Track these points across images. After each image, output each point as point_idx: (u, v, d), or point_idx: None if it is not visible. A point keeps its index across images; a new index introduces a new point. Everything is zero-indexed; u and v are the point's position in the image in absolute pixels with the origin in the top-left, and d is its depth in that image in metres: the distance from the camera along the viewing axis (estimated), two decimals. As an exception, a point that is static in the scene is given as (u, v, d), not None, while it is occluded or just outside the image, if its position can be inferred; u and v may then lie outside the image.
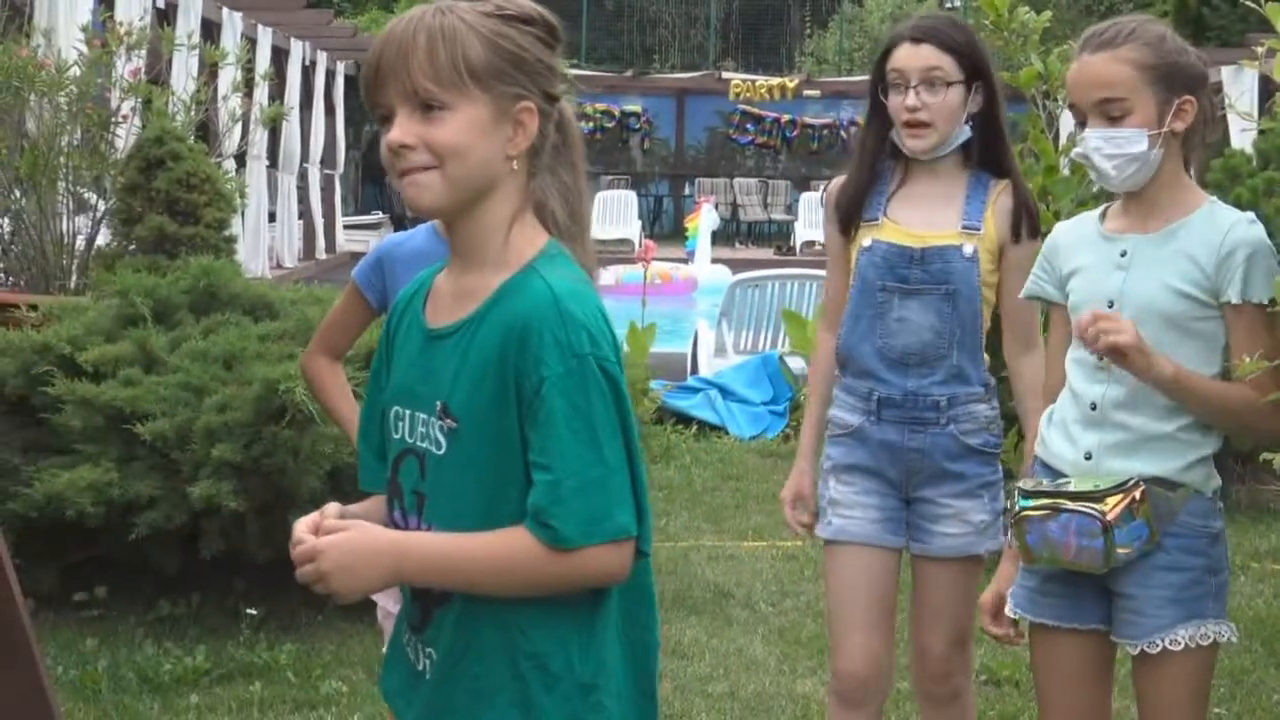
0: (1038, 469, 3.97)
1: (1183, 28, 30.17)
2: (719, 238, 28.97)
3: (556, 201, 2.86)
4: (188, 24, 19.01)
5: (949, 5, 43.00)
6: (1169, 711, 3.83)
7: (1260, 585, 8.13)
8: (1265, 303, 3.68)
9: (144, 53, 14.73)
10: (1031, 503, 3.81)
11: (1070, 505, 3.74)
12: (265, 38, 23.37)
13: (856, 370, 4.52)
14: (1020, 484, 3.91)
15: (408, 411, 2.85)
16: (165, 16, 18.17)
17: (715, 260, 25.31)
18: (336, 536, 2.71)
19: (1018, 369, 4.53)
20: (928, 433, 4.45)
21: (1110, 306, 3.79)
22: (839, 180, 4.67)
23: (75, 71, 13.06)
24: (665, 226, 35.89)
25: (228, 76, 16.66)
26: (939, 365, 4.43)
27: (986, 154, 4.53)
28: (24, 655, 4.46)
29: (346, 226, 30.93)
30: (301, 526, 2.77)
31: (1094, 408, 3.82)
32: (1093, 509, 3.71)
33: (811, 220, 29.84)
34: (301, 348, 7.23)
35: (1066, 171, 8.85)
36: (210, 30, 20.25)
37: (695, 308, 19.94)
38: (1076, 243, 3.96)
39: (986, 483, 4.48)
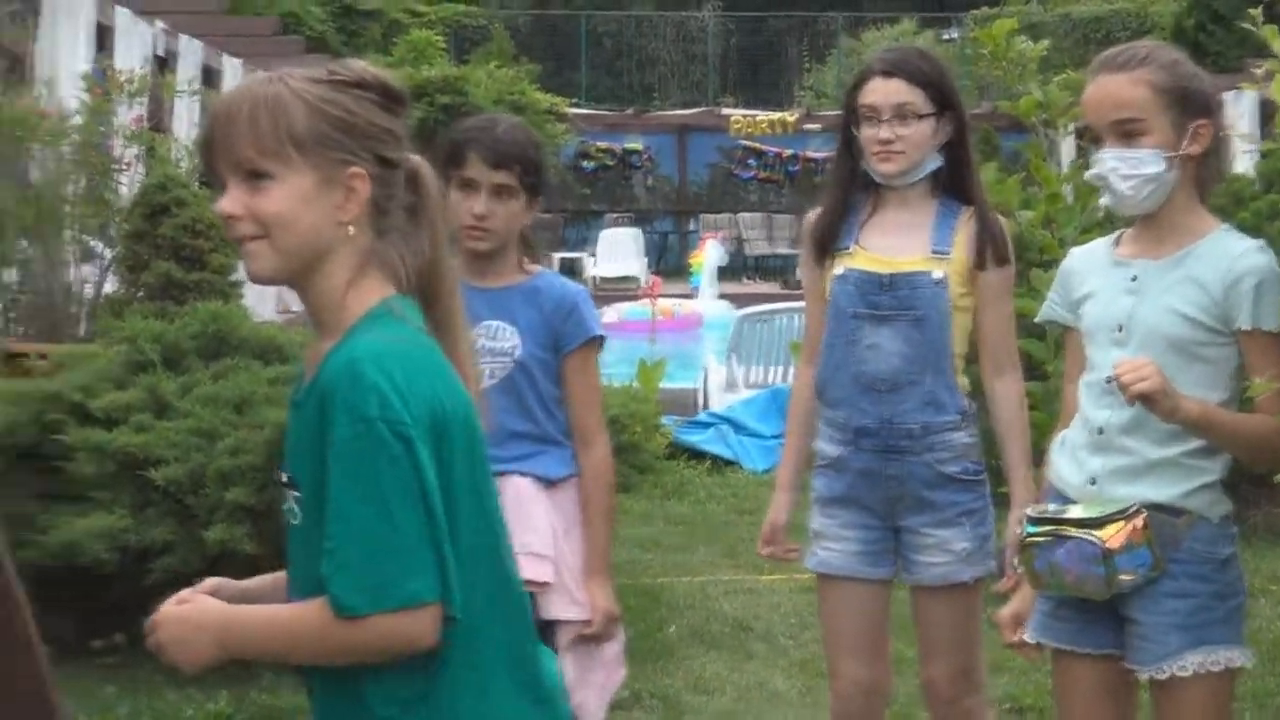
0: (1051, 494, 3.96)
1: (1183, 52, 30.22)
2: (725, 272, 28.95)
3: (407, 261, 2.78)
4: (188, 71, 19.03)
5: (946, 37, 43.16)
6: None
7: (1280, 608, 8.10)
8: (1276, 330, 3.67)
9: (145, 100, 14.78)
10: (1036, 529, 3.81)
11: (1073, 532, 3.74)
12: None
13: (833, 399, 4.55)
14: (1028, 510, 3.92)
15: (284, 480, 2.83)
16: (165, 63, 18.21)
17: (722, 295, 25.32)
18: (174, 609, 2.69)
19: (992, 393, 4.57)
20: (904, 461, 4.47)
21: (1119, 331, 3.80)
22: (813, 212, 4.70)
23: (77, 120, 13.12)
24: (670, 263, 35.81)
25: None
26: (911, 392, 4.45)
27: (955, 181, 4.56)
28: (44, 705, 4.45)
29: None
30: (171, 598, 2.74)
31: (1100, 432, 3.82)
32: (1093, 536, 3.71)
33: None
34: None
35: (1070, 199, 8.86)
36: (210, 76, 20.29)
37: (702, 343, 19.93)
38: (1089, 267, 3.97)
39: (967, 510, 4.50)
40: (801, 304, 4.91)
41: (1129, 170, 3.73)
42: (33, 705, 4.44)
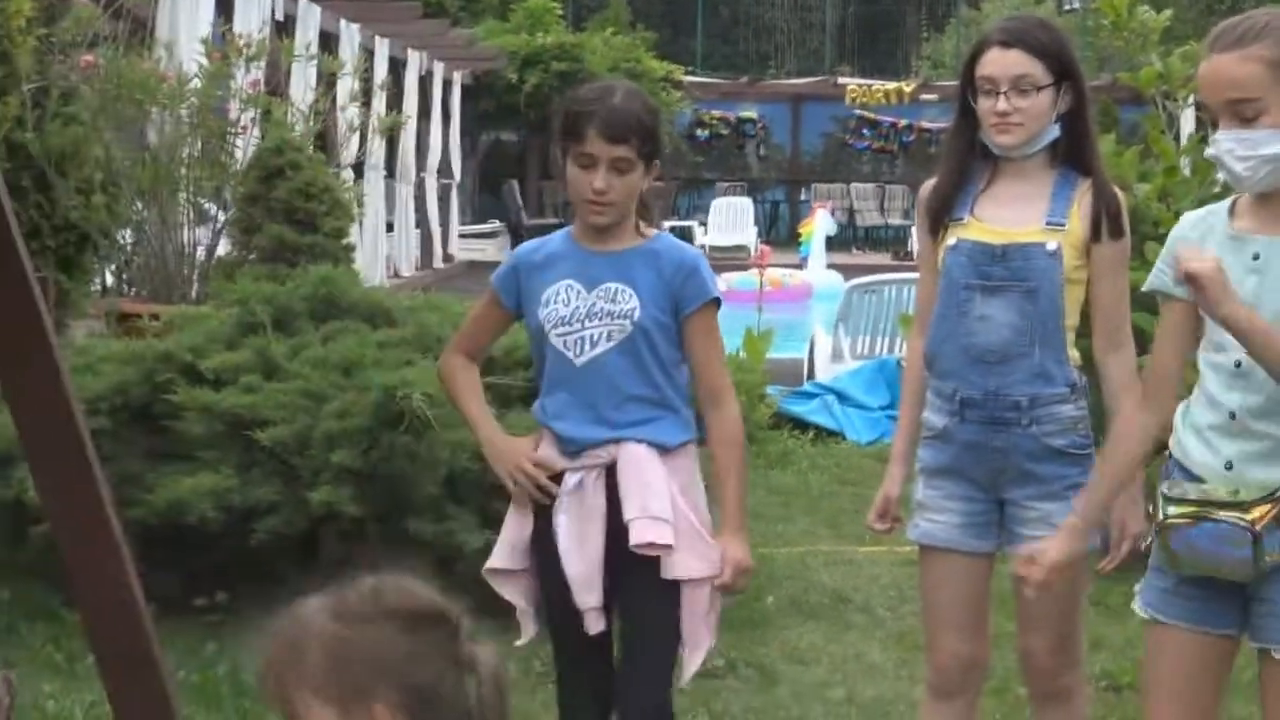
0: (1175, 471, 3.89)
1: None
2: (835, 243, 28.88)
3: None
4: (306, 35, 19.15)
5: (1068, 7, 42.85)
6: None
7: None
8: None
9: (263, 64, 14.85)
10: (1176, 509, 3.79)
11: (1217, 514, 3.71)
12: (383, 48, 23.53)
13: (941, 370, 4.56)
14: (1162, 489, 3.86)
15: None
16: (283, 28, 18.30)
17: (831, 265, 25.25)
18: None
19: (1105, 368, 4.52)
20: (1010, 433, 4.48)
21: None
22: (929, 183, 4.70)
23: (196, 84, 13.19)
24: (781, 233, 35.82)
25: (345, 87, 16.73)
26: (1020, 364, 4.45)
27: (1073, 152, 4.54)
28: (148, 662, 4.51)
29: (463, 235, 31.01)
30: None
31: (1233, 417, 3.76)
32: (1240, 519, 3.68)
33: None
34: (419, 355, 7.30)
35: (1187, 172, 8.77)
36: (328, 41, 20.41)
37: (810, 314, 19.88)
38: (1203, 238, 3.86)
39: (1074, 484, 4.46)
40: (911, 275, 4.89)
41: (1245, 151, 3.66)
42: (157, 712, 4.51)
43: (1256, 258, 3.74)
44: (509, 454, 4.37)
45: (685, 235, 31.14)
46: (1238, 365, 3.73)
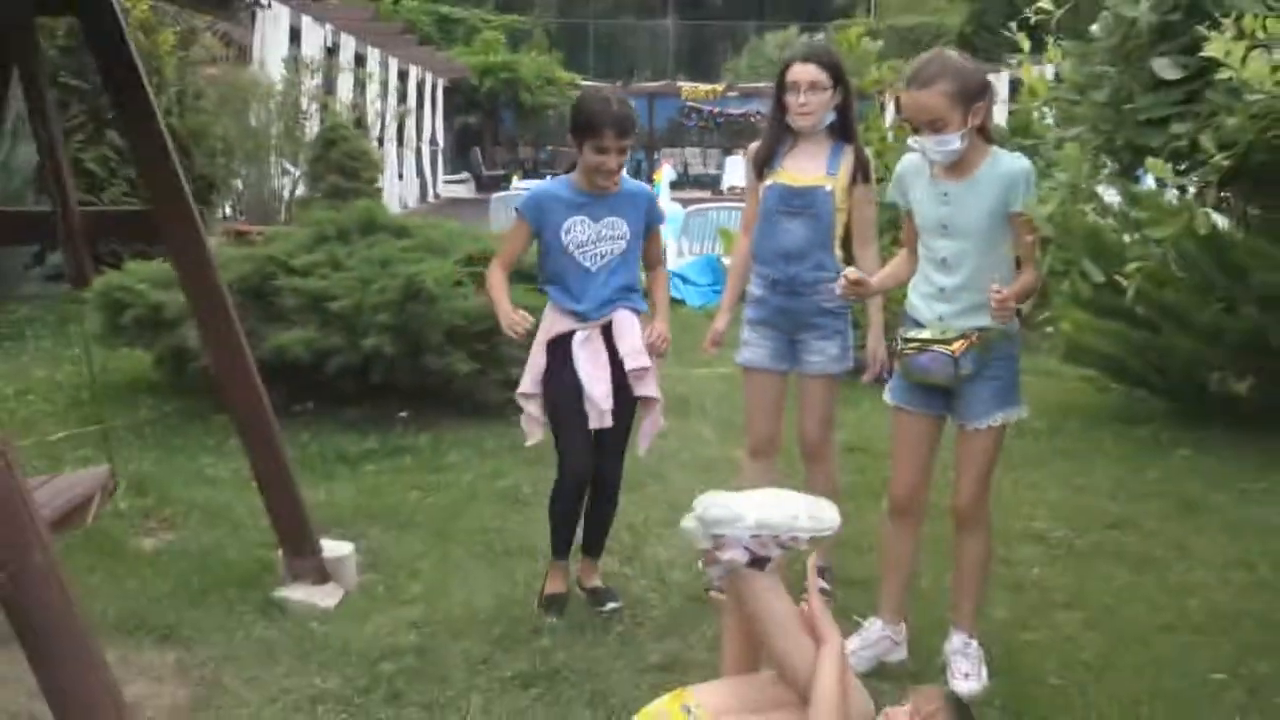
0: (907, 321, 3.89)
1: (963, 49, 29.92)
2: (675, 185, 28.68)
3: None
4: (346, 55, 18.81)
5: (816, 38, 42.53)
6: (976, 461, 3.86)
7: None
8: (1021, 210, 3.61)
9: (320, 75, 14.63)
10: (908, 344, 3.82)
11: (933, 347, 3.76)
12: (393, 64, 23.13)
13: (762, 260, 4.52)
14: (900, 333, 3.89)
15: None
16: (332, 52, 17.98)
17: (674, 199, 25.07)
18: None
19: (862, 258, 4.48)
20: (801, 299, 4.44)
21: (944, 229, 3.75)
22: (754, 145, 4.63)
23: (279, 87, 13.00)
24: (641, 179, 35.52)
25: (373, 90, 16.49)
26: (808, 259, 4.41)
27: (843, 129, 4.50)
28: (272, 440, 4.53)
29: (445, 182, 30.63)
30: None
31: (942, 290, 3.78)
32: (946, 350, 3.74)
33: (734, 174, 29.49)
34: (429, 255, 7.25)
35: (892, 139, 8.82)
36: (360, 59, 20.04)
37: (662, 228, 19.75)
38: (915, 178, 3.86)
39: (837, 330, 4.48)
40: (724, 203, 4.84)
41: (939, 149, 3.66)
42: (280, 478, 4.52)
43: (946, 194, 3.76)
44: (506, 316, 4.26)
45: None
46: (943, 261, 3.76)
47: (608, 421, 4.34)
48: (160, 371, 7.54)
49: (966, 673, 3.84)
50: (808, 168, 4.46)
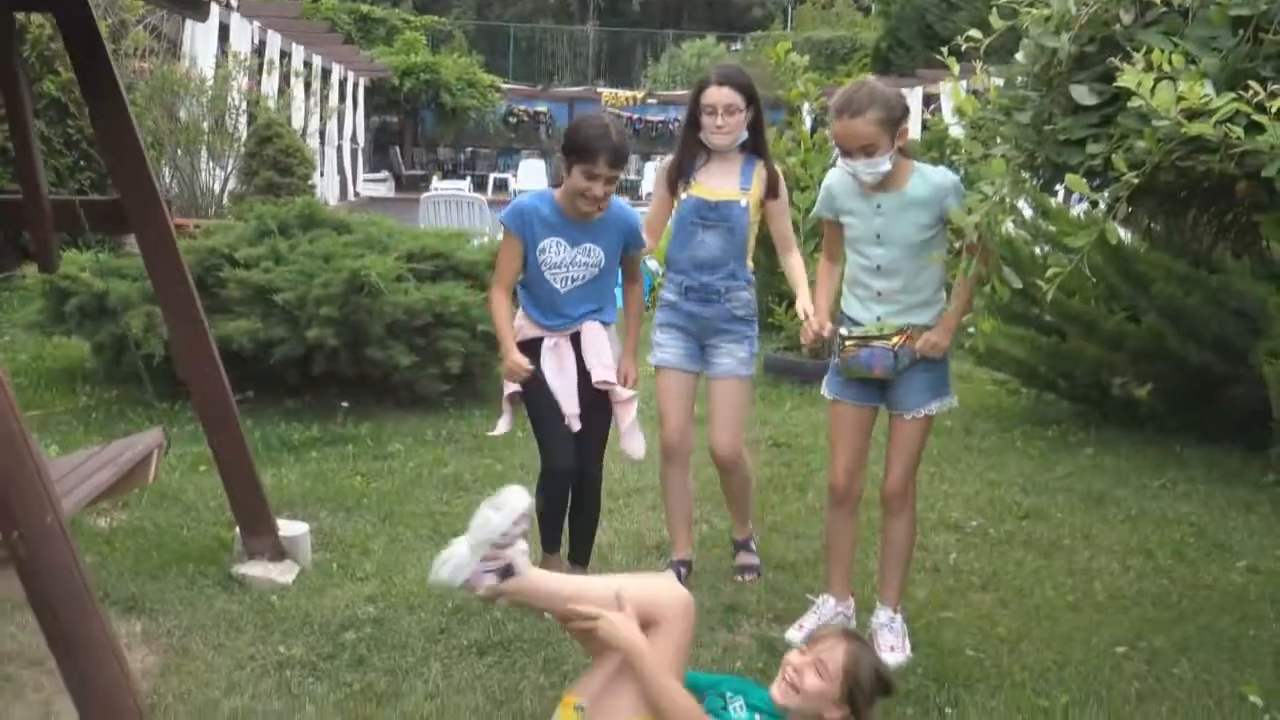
0: (845, 320, 4.09)
1: (877, 65, 30.45)
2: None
3: None
4: (272, 52, 18.80)
5: (734, 49, 43.03)
6: (907, 448, 4.12)
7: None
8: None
9: (253, 71, 14.68)
10: (850, 342, 4.05)
11: (873, 344, 4.01)
12: (317, 60, 23.10)
13: (676, 269, 4.63)
14: (840, 331, 4.10)
15: None
16: (260, 49, 17.98)
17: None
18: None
19: (786, 264, 4.68)
20: (712, 306, 4.56)
21: (878, 239, 3.98)
22: (668, 159, 4.73)
23: (210, 83, 13.03)
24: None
25: (298, 87, 16.51)
26: (721, 268, 4.53)
27: (755, 145, 4.62)
28: (231, 423, 4.71)
29: (365, 180, 30.49)
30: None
31: (879, 294, 4.02)
32: (885, 345, 4.01)
33: (652, 179, 29.77)
34: (369, 250, 7.37)
35: (816, 151, 9.10)
36: (284, 57, 20.03)
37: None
38: (847, 193, 4.07)
39: (745, 336, 4.61)
40: (642, 209, 4.91)
41: (870, 170, 3.89)
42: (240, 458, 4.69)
43: (879, 207, 4.00)
44: (509, 358, 4.31)
45: (506, 183, 31.14)
46: (878, 268, 4.01)
47: (575, 426, 4.37)
48: (99, 360, 7.62)
49: (892, 645, 4.13)
50: (722, 183, 4.58)
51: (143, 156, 4.49)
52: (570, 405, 4.37)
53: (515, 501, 3.15)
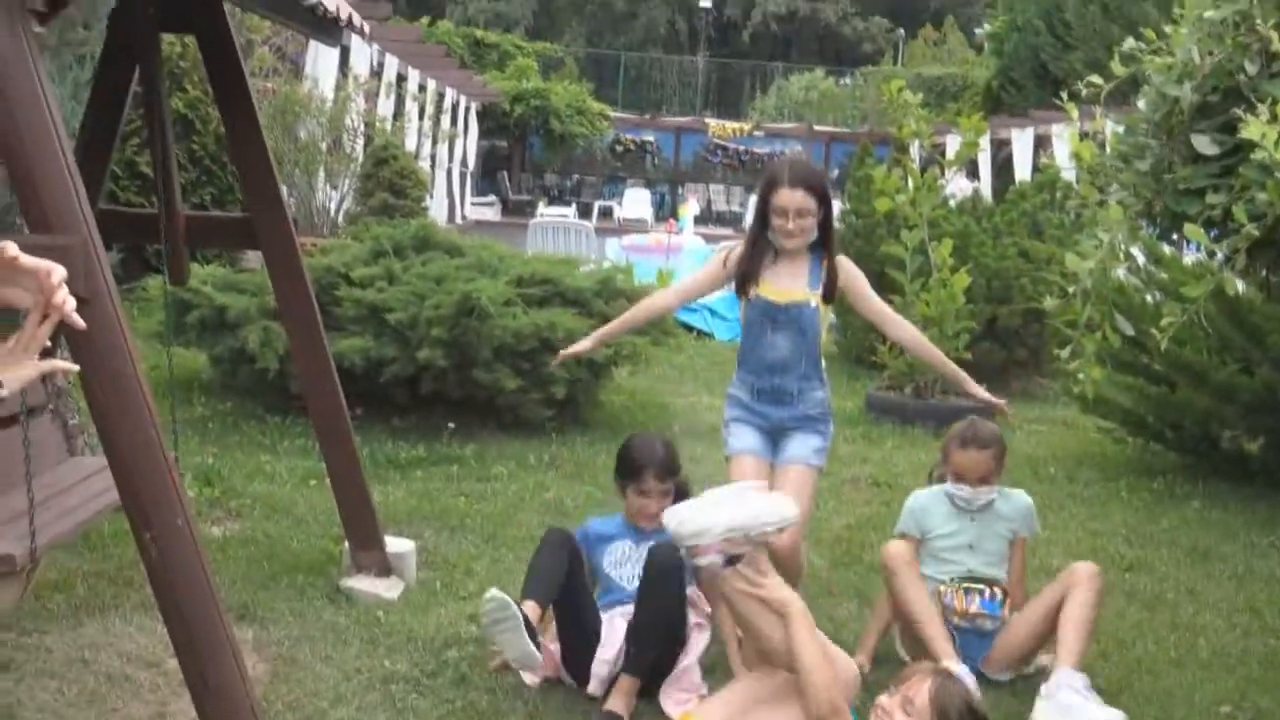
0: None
1: (988, 103, 30.25)
2: (700, 221, 29.06)
3: None
4: (390, 75, 19.21)
5: (842, 83, 43.05)
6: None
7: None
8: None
9: (365, 92, 15.00)
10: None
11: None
12: (431, 85, 23.57)
13: (748, 369, 4.50)
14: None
15: None
16: (379, 71, 18.38)
17: (697, 234, 25.44)
18: None
19: (900, 338, 4.65)
20: (785, 408, 4.46)
21: (970, 548, 4.45)
22: (738, 251, 4.50)
23: (330, 104, 13.34)
24: (666, 212, 35.91)
25: (414, 110, 16.84)
26: (793, 370, 4.42)
27: (823, 243, 4.45)
28: (345, 435, 4.84)
29: (473, 204, 30.99)
30: None
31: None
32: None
33: (752, 213, 29.76)
34: (479, 274, 7.52)
35: (926, 190, 8.98)
36: (401, 80, 20.48)
37: (685, 261, 20.00)
38: (930, 508, 4.55)
39: (819, 431, 4.47)
40: (727, 242, 4.81)
41: (980, 498, 4.44)
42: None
43: (973, 518, 4.48)
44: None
45: (610, 211, 31.45)
46: (969, 570, 4.45)
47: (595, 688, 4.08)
48: (215, 372, 7.86)
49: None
50: (791, 284, 4.42)
51: (272, 173, 4.67)
52: (602, 666, 4.07)
53: (786, 512, 3.37)
